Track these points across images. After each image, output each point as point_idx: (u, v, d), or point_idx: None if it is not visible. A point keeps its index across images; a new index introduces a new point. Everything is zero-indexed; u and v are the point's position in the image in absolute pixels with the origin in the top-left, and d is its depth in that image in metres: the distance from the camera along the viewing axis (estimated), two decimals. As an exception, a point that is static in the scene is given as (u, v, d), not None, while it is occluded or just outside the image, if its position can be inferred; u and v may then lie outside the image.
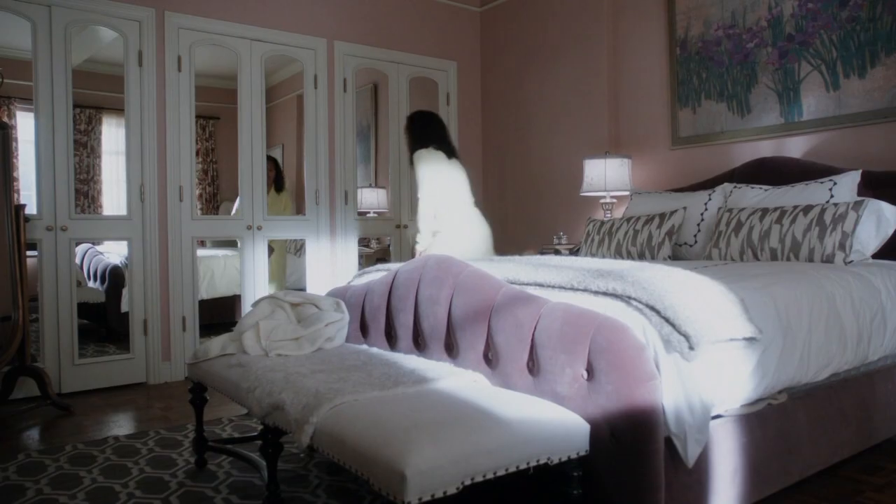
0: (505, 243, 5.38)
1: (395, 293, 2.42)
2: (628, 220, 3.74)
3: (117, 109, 5.16)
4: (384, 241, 5.31)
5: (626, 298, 1.86)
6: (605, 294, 1.92)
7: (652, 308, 1.78)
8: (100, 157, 6.38)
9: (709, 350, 1.77)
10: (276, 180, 5.21)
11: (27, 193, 4.46)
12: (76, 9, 3.88)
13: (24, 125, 4.72)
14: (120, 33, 4.06)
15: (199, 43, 4.31)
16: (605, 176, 4.20)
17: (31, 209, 3.77)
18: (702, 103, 4.15)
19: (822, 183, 3.11)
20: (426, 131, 3.81)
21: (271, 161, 5.02)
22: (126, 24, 4.06)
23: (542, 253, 4.35)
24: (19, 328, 3.45)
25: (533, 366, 1.86)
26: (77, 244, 4.17)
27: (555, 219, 5.03)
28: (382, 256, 5.30)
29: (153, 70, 4.13)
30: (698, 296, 1.85)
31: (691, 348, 1.71)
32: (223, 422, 3.21)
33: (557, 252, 4.32)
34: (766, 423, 2.03)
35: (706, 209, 3.53)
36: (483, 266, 2.32)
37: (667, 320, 1.75)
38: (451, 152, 3.81)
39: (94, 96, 5.69)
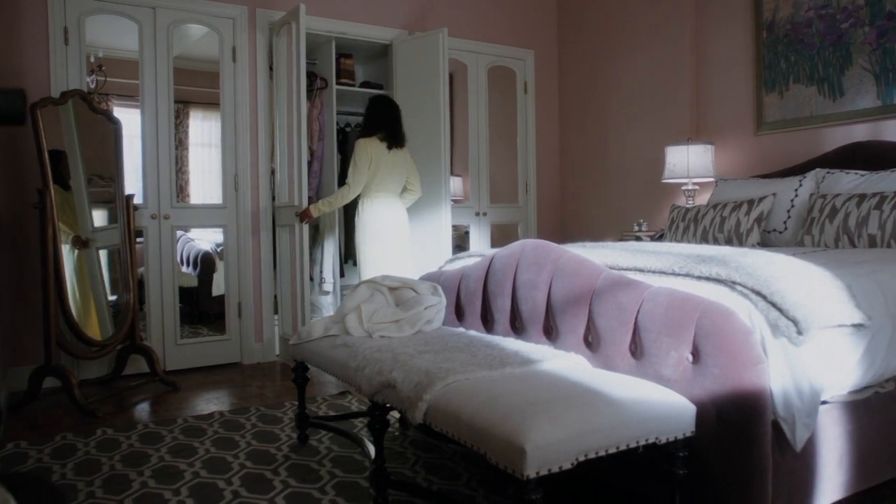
0: (581, 230, 5.39)
1: (492, 278, 2.49)
2: (714, 206, 3.69)
3: (203, 103, 5.39)
4: (460, 229, 5.39)
5: (729, 283, 1.87)
6: (707, 279, 1.93)
7: (758, 293, 1.79)
8: (187, 148, 6.67)
9: (816, 336, 1.77)
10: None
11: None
12: (177, 9, 4.10)
13: (122, 120, 5.01)
14: (215, 31, 4.26)
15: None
16: (688, 163, 4.15)
17: (136, 199, 4.01)
18: (790, 87, 4.04)
19: (925, 167, 3.01)
20: (377, 119, 3.99)
21: None
22: (221, 21, 4.26)
23: (622, 240, 4.34)
24: (130, 309, 3.70)
25: (635, 349, 1.90)
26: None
27: (633, 206, 4.99)
28: (460, 244, 5.38)
29: (245, 65, 4.32)
30: (805, 281, 1.84)
31: (799, 333, 1.71)
32: (317, 400, 3.37)
33: (639, 239, 4.30)
34: (873, 411, 2.01)
35: (797, 195, 3.45)
36: (580, 251, 2.36)
37: (774, 305, 1.76)
38: (394, 142, 3.98)
39: (183, 91, 5.93)
